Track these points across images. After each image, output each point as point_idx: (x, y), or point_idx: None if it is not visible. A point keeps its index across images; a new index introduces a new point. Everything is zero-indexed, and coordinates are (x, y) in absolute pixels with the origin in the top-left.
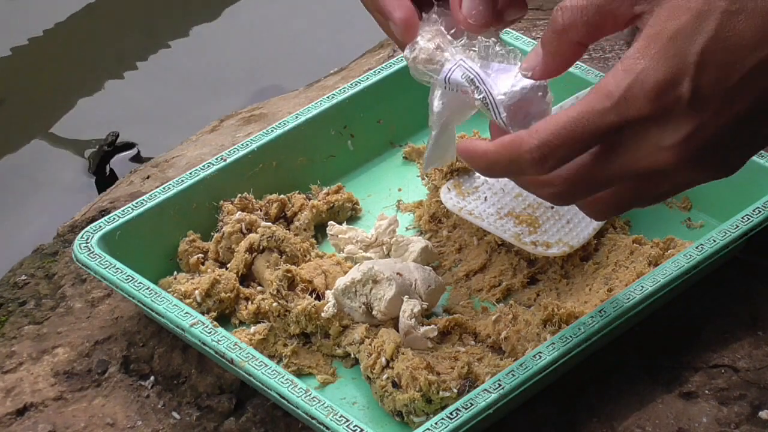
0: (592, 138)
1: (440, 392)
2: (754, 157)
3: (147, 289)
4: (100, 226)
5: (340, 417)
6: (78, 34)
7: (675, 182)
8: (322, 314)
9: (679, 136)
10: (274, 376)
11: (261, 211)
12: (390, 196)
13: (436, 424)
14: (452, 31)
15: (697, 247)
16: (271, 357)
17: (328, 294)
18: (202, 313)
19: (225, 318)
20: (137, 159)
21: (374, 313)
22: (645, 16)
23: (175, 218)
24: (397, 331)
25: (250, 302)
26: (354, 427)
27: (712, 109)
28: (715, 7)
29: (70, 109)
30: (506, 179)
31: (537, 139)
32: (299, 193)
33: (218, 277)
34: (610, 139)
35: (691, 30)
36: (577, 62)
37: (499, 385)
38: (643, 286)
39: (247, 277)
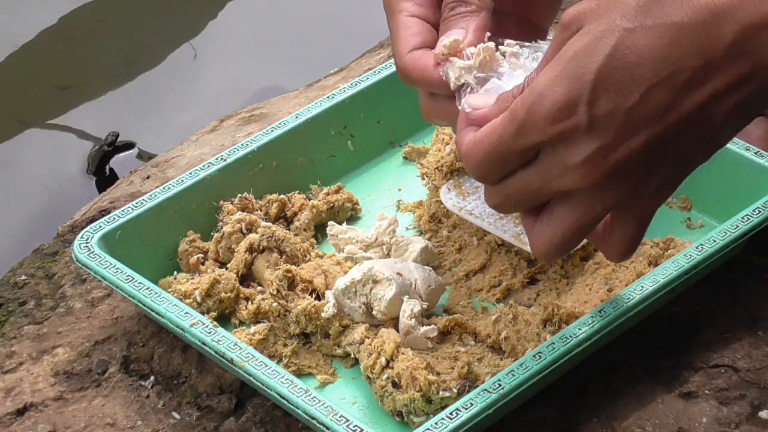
0: (513, 158)
1: (440, 392)
2: (754, 157)
3: (147, 289)
4: (100, 226)
5: (340, 417)
6: (78, 33)
7: (595, 204)
8: (322, 314)
9: (582, 156)
10: (274, 376)
11: (261, 211)
12: (390, 196)
13: (436, 424)
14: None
15: (697, 247)
16: (271, 357)
17: (328, 294)
18: (202, 313)
19: (225, 318)
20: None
21: (374, 313)
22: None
23: (175, 218)
24: (397, 331)
25: (250, 302)
26: (354, 427)
27: (614, 128)
28: (614, 26)
29: (70, 109)
30: None
31: (473, 163)
32: (299, 193)
33: (218, 277)
34: (527, 156)
35: (590, 49)
36: None
37: (499, 385)
38: (643, 286)
39: (247, 277)
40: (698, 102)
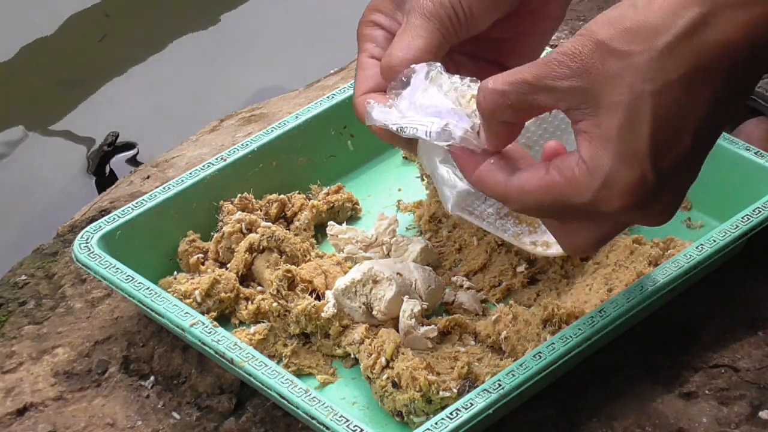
0: (565, 215)
1: (440, 392)
2: (754, 158)
3: (147, 289)
4: (100, 226)
5: (340, 417)
6: (78, 34)
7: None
8: (322, 314)
9: (656, 209)
10: (274, 376)
11: (261, 211)
12: (390, 196)
13: (436, 424)
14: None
15: (697, 247)
16: (271, 357)
17: (328, 294)
18: (202, 313)
19: (225, 318)
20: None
21: (374, 313)
22: (573, 113)
23: (175, 218)
24: (397, 331)
25: (250, 302)
26: (354, 427)
27: (677, 177)
28: (641, 92)
29: (70, 109)
30: None
31: (514, 204)
32: (299, 193)
33: (218, 277)
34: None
35: (632, 124)
36: None
37: (499, 385)
38: (643, 286)
39: (247, 277)
40: (734, 106)
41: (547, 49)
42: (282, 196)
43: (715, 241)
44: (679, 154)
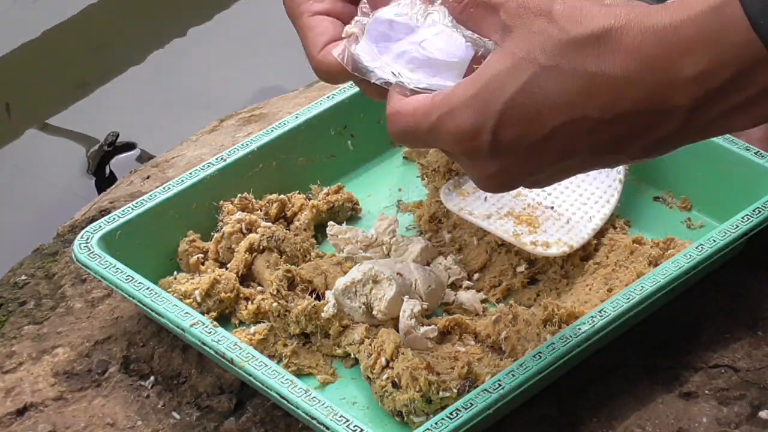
0: (423, 143)
1: (440, 392)
2: (754, 158)
3: (147, 289)
4: (100, 226)
5: (340, 417)
6: (78, 34)
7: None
8: (322, 314)
9: (485, 173)
10: (274, 376)
11: (261, 211)
12: (390, 196)
13: (436, 424)
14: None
15: (697, 247)
16: (271, 357)
17: (328, 294)
18: (202, 313)
19: (225, 318)
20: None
21: (374, 313)
22: (489, 35)
23: (175, 218)
24: (397, 331)
25: (250, 302)
26: (354, 427)
27: (515, 157)
28: (532, 59)
29: (70, 109)
30: None
31: (393, 133)
32: (299, 193)
33: (218, 277)
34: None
35: (505, 79)
36: None
37: (499, 385)
38: (643, 286)
39: (247, 277)
40: (599, 143)
41: None
42: (282, 196)
43: (715, 241)
44: (524, 137)
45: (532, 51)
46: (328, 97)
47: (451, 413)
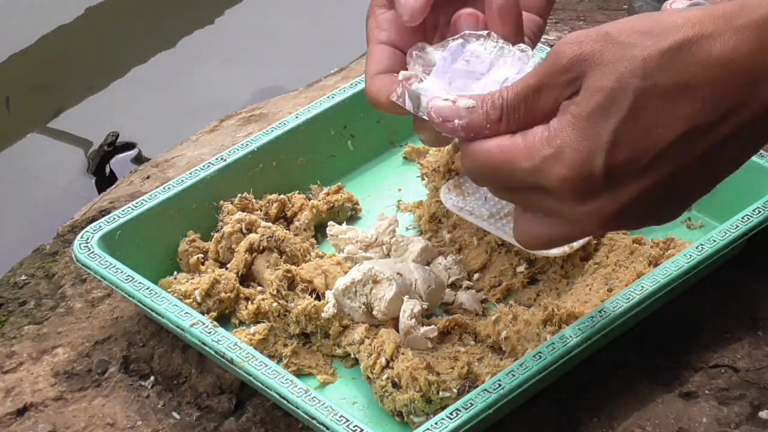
0: (517, 184)
1: (440, 392)
2: (754, 158)
3: (147, 289)
4: (100, 226)
5: (340, 417)
6: (78, 34)
7: (589, 232)
8: (322, 314)
9: (592, 207)
10: (274, 376)
11: (261, 211)
12: (390, 196)
13: (436, 424)
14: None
15: (697, 247)
16: (271, 357)
17: (328, 294)
18: (202, 313)
19: (225, 318)
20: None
21: (374, 313)
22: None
23: (175, 218)
24: (397, 331)
25: (250, 302)
26: (354, 427)
27: (624, 183)
28: (627, 84)
29: (70, 110)
30: None
31: (472, 171)
32: (299, 193)
33: (218, 277)
34: (527, 189)
35: (605, 110)
36: None
37: (499, 385)
38: (643, 286)
39: (247, 277)
40: (710, 146)
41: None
42: (282, 196)
43: (715, 241)
44: (636, 160)
45: (623, 78)
46: (328, 97)
47: (451, 413)
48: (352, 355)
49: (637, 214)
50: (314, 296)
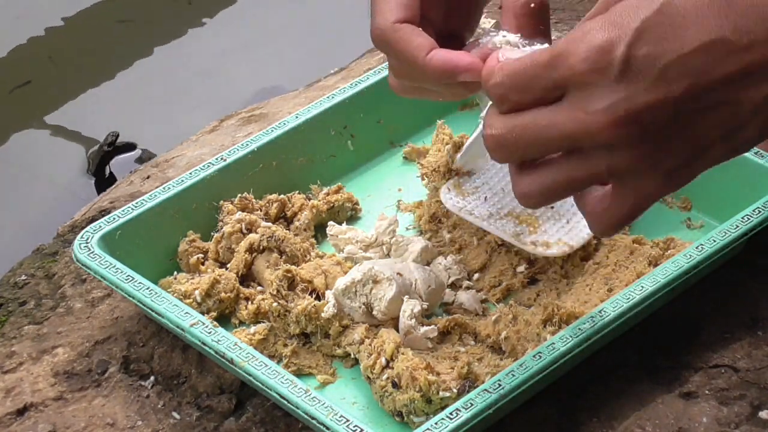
0: (536, 88)
1: (440, 392)
2: (754, 158)
3: (147, 289)
4: (100, 226)
5: (340, 417)
6: (78, 34)
7: (600, 162)
8: (322, 314)
9: (606, 102)
10: (274, 376)
11: (261, 211)
12: (390, 196)
13: (436, 424)
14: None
15: (697, 247)
16: (271, 357)
17: (328, 294)
18: (202, 313)
19: (225, 318)
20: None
21: (374, 313)
22: None
23: (175, 218)
24: (397, 331)
25: (250, 302)
26: (354, 427)
27: (643, 81)
28: None
29: (70, 109)
30: (507, 179)
31: (498, 76)
32: (299, 193)
33: (218, 277)
34: (550, 94)
35: (640, 3)
36: None
37: (499, 385)
38: (643, 286)
39: (247, 277)
40: (731, 73)
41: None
42: (282, 196)
43: (715, 241)
44: (657, 57)
45: None
46: (328, 97)
47: (451, 413)
48: (352, 355)
49: (646, 138)
50: (314, 296)
